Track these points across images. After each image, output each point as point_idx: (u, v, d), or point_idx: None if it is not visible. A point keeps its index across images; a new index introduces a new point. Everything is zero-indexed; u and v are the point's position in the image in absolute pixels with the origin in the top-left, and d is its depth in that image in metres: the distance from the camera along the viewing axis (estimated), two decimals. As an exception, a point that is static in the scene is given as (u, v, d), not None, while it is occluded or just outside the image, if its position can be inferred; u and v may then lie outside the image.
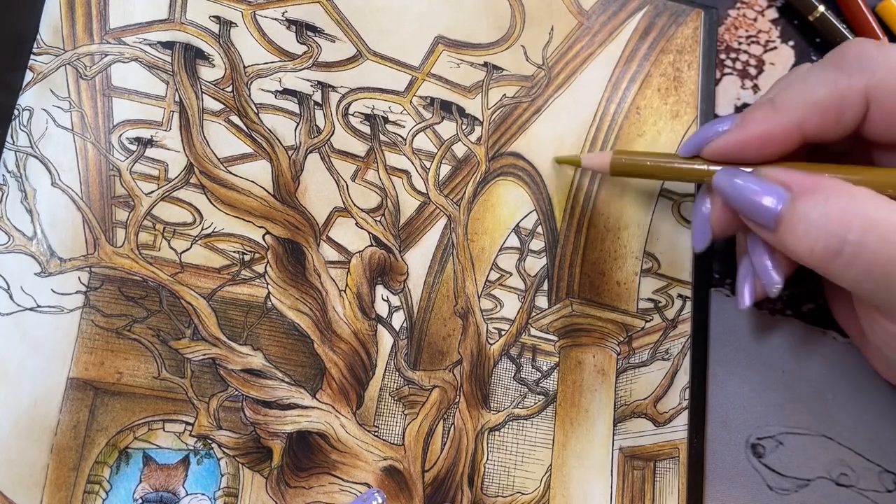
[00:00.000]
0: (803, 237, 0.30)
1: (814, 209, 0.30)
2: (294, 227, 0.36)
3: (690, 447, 0.38)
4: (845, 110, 0.31)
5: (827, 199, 0.29)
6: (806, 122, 0.31)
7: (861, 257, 0.29)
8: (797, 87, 0.32)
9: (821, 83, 0.31)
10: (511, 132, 0.40)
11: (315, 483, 0.34)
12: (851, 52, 0.31)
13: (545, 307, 0.39)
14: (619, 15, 0.43)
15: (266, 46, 0.37)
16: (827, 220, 0.29)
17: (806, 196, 0.30)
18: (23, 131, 0.34)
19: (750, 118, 0.33)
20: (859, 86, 0.30)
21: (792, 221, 0.30)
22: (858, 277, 0.29)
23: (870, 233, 0.28)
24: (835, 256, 0.29)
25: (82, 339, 0.33)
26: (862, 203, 0.29)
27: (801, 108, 0.31)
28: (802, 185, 0.31)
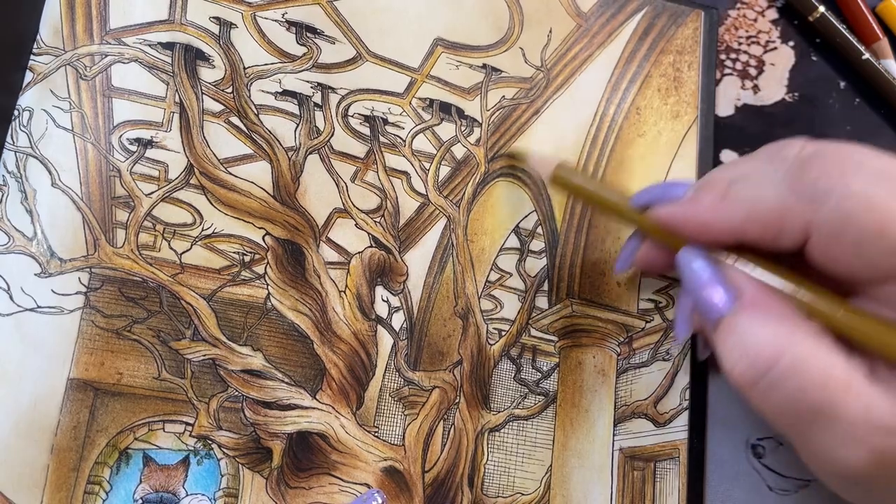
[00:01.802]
0: (730, 352, 0.29)
1: (750, 329, 0.29)
2: (294, 228, 0.36)
3: (690, 448, 0.38)
4: (783, 233, 0.29)
5: (766, 323, 0.29)
6: (745, 229, 0.30)
7: (776, 394, 0.28)
8: (750, 187, 0.30)
9: (771, 194, 0.30)
10: (510, 133, 0.40)
11: (315, 483, 0.34)
12: (813, 171, 0.29)
13: (545, 308, 0.39)
14: (618, 17, 0.43)
15: (266, 48, 0.37)
16: (757, 348, 0.28)
17: (749, 311, 0.29)
18: (23, 132, 0.34)
19: (699, 199, 0.32)
20: (801, 216, 0.29)
21: (727, 331, 0.30)
22: (769, 409, 0.29)
23: (790, 377, 0.28)
24: (751, 384, 0.29)
25: (82, 340, 0.33)
26: (798, 341, 0.28)
27: (744, 213, 0.30)
28: (751, 296, 0.30)
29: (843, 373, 0.27)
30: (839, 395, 0.27)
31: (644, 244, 0.36)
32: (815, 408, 0.27)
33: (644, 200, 0.34)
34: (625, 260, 0.37)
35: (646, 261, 0.36)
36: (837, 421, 0.27)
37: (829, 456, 0.28)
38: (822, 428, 0.28)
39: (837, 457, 0.28)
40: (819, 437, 0.28)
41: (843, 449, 0.27)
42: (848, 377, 0.27)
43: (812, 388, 0.27)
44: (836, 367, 0.27)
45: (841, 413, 0.27)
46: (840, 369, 0.27)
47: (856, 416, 0.27)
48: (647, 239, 0.36)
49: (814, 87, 0.46)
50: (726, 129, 0.44)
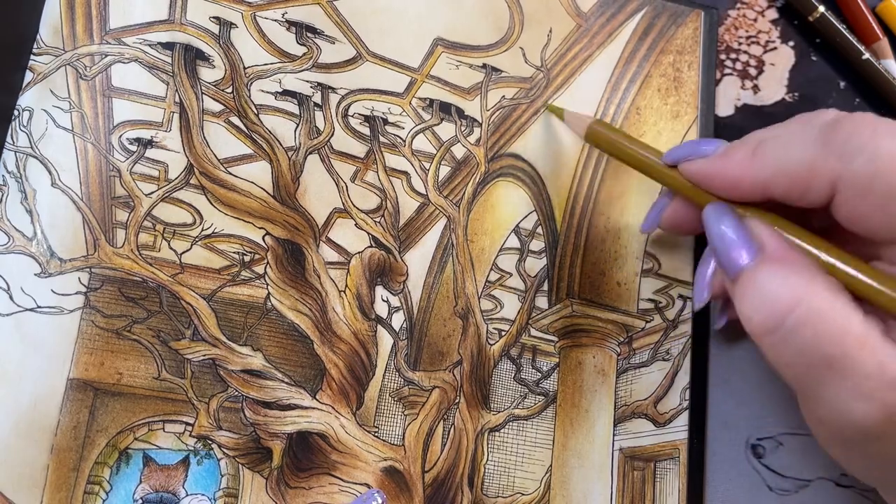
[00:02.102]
0: (749, 302, 0.30)
1: (770, 280, 0.29)
2: (294, 228, 0.36)
3: (691, 448, 0.38)
4: (811, 189, 0.30)
5: (786, 275, 0.29)
6: (773, 184, 0.31)
7: (790, 343, 0.28)
8: (781, 144, 0.31)
9: (800, 151, 0.30)
10: (510, 133, 0.40)
11: (315, 483, 0.34)
12: (844, 129, 0.29)
13: (545, 308, 0.39)
14: (618, 17, 0.43)
15: (266, 48, 0.37)
16: (775, 297, 0.29)
17: (769, 264, 0.30)
18: (23, 132, 0.34)
19: (730, 156, 0.32)
20: (830, 171, 0.29)
21: (747, 283, 0.30)
22: (782, 360, 0.29)
23: (806, 326, 0.28)
24: (767, 333, 0.29)
25: (82, 340, 0.33)
26: (816, 295, 0.28)
27: (773, 168, 0.31)
28: (773, 251, 0.30)
29: (859, 327, 0.28)
30: (854, 349, 0.27)
31: (671, 203, 0.36)
32: (829, 359, 0.28)
33: (675, 157, 0.34)
34: (652, 219, 0.38)
35: (672, 220, 0.36)
36: (851, 374, 0.27)
37: (838, 409, 0.28)
38: (834, 380, 0.28)
39: (847, 410, 0.28)
40: (830, 390, 0.28)
41: (854, 402, 0.28)
42: (864, 332, 0.28)
43: (827, 339, 0.28)
44: (853, 322, 0.28)
45: (855, 366, 0.27)
46: (856, 324, 0.28)
47: (870, 370, 0.27)
48: (674, 199, 0.36)
49: (814, 87, 0.46)
50: (726, 129, 0.44)
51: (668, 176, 0.35)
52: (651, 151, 0.36)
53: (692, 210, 0.35)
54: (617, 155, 0.37)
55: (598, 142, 0.38)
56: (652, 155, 0.35)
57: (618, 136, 0.37)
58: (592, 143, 0.38)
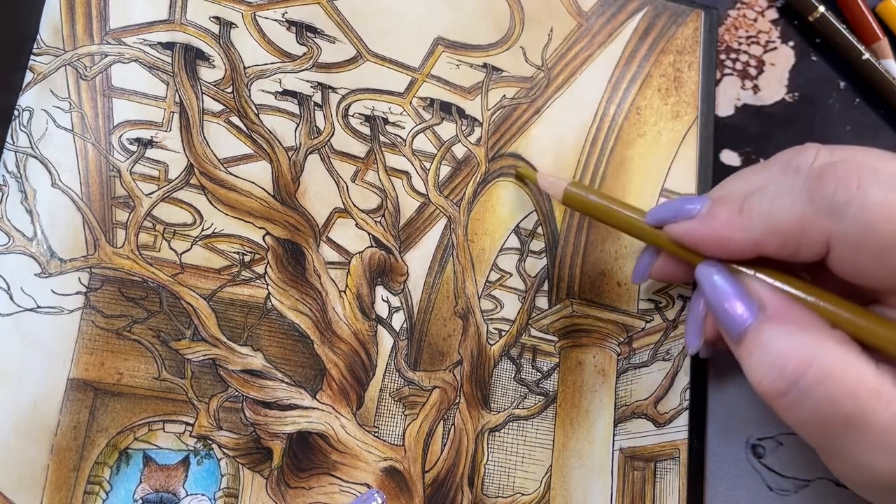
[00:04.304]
0: (757, 364, 0.29)
1: (776, 341, 0.29)
2: (294, 228, 0.36)
3: (691, 448, 0.38)
4: (803, 246, 0.29)
5: (792, 334, 0.29)
6: (765, 242, 0.30)
7: (805, 405, 0.28)
8: (767, 201, 0.30)
9: (789, 208, 0.29)
10: (511, 133, 0.40)
11: (315, 483, 0.34)
12: (830, 183, 0.28)
13: (545, 308, 0.39)
14: (619, 16, 0.43)
15: (266, 47, 0.37)
16: (784, 359, 0.28)
17: (772, 323, 0.29)
18: (23, 132, 0.34)
19: (715, 216, 0.31)
20: (821, 229, 0.29)
21: (752, 344, 0.30)
22: (798, 421, 0.29)
23: (820, 385, 0.27)
24: (780, 396, 0.29)
25: (82, 340, 0.33)
26: (826, 351, 0.28)
27: (763, 228, 0.30)
28: (775, 308, 0.30)
29: (872, 380, 0.27)
30: (870, 403, 0.27)
31: (660, 256, 0.36)
32: (846, 416, 0.27)
33: (659, 217, 0.34)
34: (641, 272, 0.37)
35: (662, 273, 0.36)
36: (869, 429, 0.27)
37: (860, 464, 0.28)
38: (853, 436, 0.28)
39: (869, 465, 0.28)
40: (850, 446, 0.28)
41: (874, 456, 0.27)
42: (877, 385, 0.27)
43: (842, 397, 0.27)
44: (866, 375, 0.27)
45: (872, 421, 0.27)
46: (869, 377, 0.27)
47: (887, 423, 0.27)
48: (661, 256, 0.36)
49: (814, 87, 0.46)
50: (726, 129, 0.44)
51: (654, 235, 0.34)
52: (634, 211, 0.35)
53: (682, 264, 0.35)
54: (597, 217, 0.36)
55: (575, 205, 0.36)
56: (635, 215, 0.35)
57: (597, 198, 0.36)
58: (570, 206, 0.37)
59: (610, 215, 0.35)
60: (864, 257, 0.28)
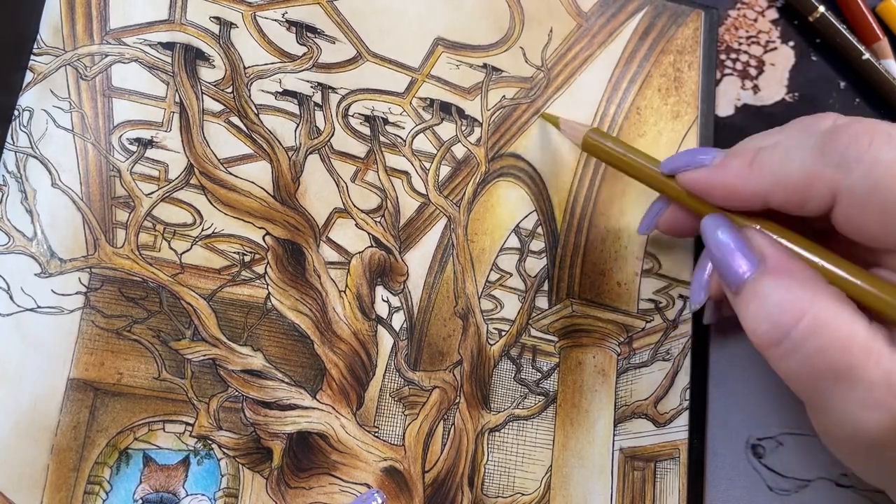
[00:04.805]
0: (753, 314, 0.30)
1: (773, 292, 0.29)
2: (294, 228, 0.36)
3: (691, 448, 0.38)
4: (810, 199, 0.30)
5: (789, 287, 0.29)
6: (772, 194, 0.31)
7: (796, 355, 0.28)
8: (779, 154, 0.31)
9: (798, 161, 0.30)
10: (511, 133, 0.40)
11: (315, 483, 0.34)
12: (842, 139, 0.29)
13: (545, 308, 0.39)
14: (619, 16, 0.43)
15: (266, 47, 0.37)
16: (779, 309, 0.29)
17: (772, 275, 0.30)
18: (23, 132, 0.34)
19: (727, 166, 0.32)
20: (829, 182, 0.29)
21: (750, 295, 0.30)
22: (789, 371, 0.29)
23: (812, 337, 0.28)
24: (773, 345, 0.29)
25: (82, 340, 0.33)
26: (820, 305, 0.28)
27: (771, 179, 0.31)
28: (775, 262, 0.30)
29: (864, 337, 0.28)
30: (860, 358, 0.27)
31: (669, 207, 0.36)
32: (836, 369, 0.28)
33: (672, 166, 0.34)
34: (649, 222, 0.37)
35: (670, 224, 0.36)
36: (858, 383, 0.27)
37: (846, 419, 0.28)
38: (841, 390, 0.28)
39: (855, 420, 0.28)
40: (838, 400, 0.28)
41: (861, 412, 0.28)
42: (869, 342, 0.28)
43: (833, 350, 0.28)
44: (858, 331, 0.28)
45: (862, 375, 0.27)
46: (862, 333, 0.28)
47: (876, 379, 0.27)
48: (672, 203, 0.36)
49: (814, 87, 0.46)
50: (726, 129, 0.44)
51: (666, 185, 0.35)
52: (648, 160, 0.36)
53: (690, 215, 0.35)
54: (613, 163, 0.37)
55: (594, 150, 0.37)
56: (649, 163, 0.35)
57: (614, 145, 0.37)
58: (588, 151, 0.38)
59: (625, 162, 0.36)
60: (869, 214, 0.29)
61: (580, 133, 0.38)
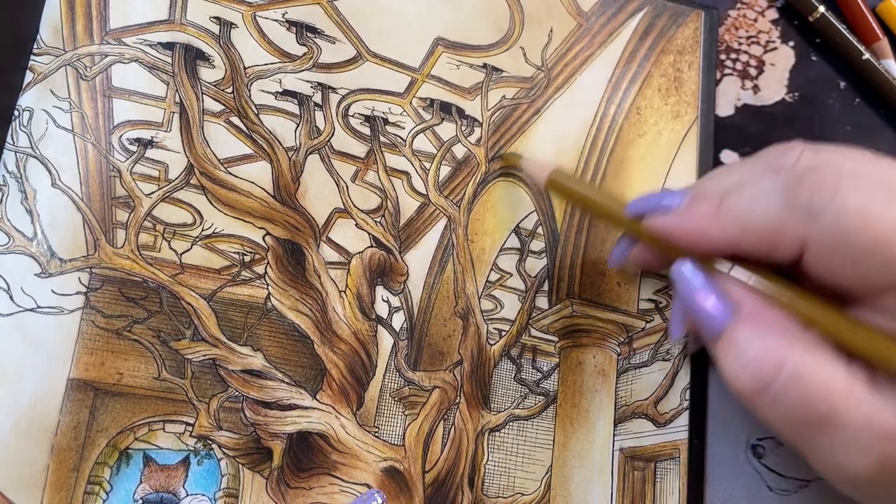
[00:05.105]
0: (732, 365, 0.30)
1: (750, 343, 0.29)
2: (294, 228, 0.36)
3: (691, 448, 0.38)
4: (779, 247, 0.30)
5: (765, 336, 0.29)
6: (740, 241, 0.30)
7: (779, 405, 0.28)
8: (745, 200, 0.30)
9: (765, 210, 0.29)
10: (511, 133, 0.40)
11: (315, 484, 0.34)
12: (808, 187, 0.28)
13: (545, 308, 0.39)
14: (619, 16, 0.43)
15: (266, 48, 0.37)
16: (758, 360, 0.29)
17: (746, 324, 0.30)
18: (23, 132, 0.34)
19: (693, 212, 0.32)
20: (797, 231, 0.29)
21: (727, 344, 0.30)
22: (774, 420, 0.29)
23: (793, 387, 0.28)
24: (755, 395, 0.29)
25: (82, 340, 0.33)
26: (798, 354, 0.28)
27: (739, 227, 0.30)
28: (749, 309, 0.30)
29: (844, 381, 0.28)
30: (842, 404, 0.27)
31: (637, 246, 0.36)
32: (819, 417, 0.28)
33: (639, 208, 0.34)
34: (618, 257, 0.37)
35: (639, 260, 0.36)
36: (841, 429, 0.27)
37: (834, 463, 0.28)
38: (826, 436, 0.28)
39: (843, 463, 0.28)
40: (824, 445, 0.28)
41: (847, 456, 0.28)
42: (849, 386, 0.28)
43: (815, 398, 0.28)
44: (838, 376, 0.28)
45: (844, 421, 0.27)
46: (841, 378, 0.28)
47: (859, 423, 0.27)
48: (637, 246, 0.36)
49: (814, 87, 0.46)
50: (726, 129, 0.44)
51: (633, 226, 0.34)
52: (614, 201, 0.35)
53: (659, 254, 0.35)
54: (579, 204, 0.36)
55: (558, 191, 0.37)
56: (615, 205, 0.35)
57: (579, 186, 0.36)
58: (553, 192, 0.37)
59: (591, 204, 0.36)
60: (839, 262, 0.28)
61: (544, 173, 0.37)
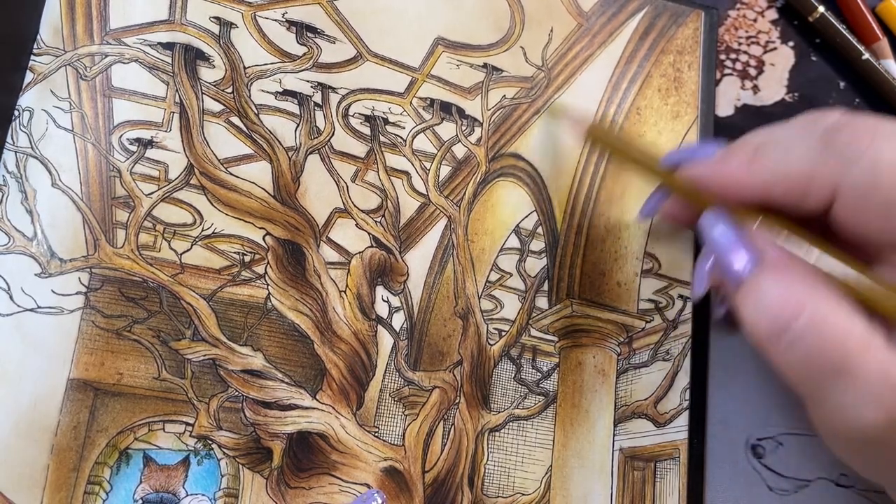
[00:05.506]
0: (753, 310, 0.30)
1: (772, 288, 0.29)
2: (294, 228, 0.36)
3: (691, 448, 0.38)
4: (810, 194, 0.30)
5: (789, 283, 0.29)
6: (771, 189, 0.31)
7: (795, 350, 0.28)
8: (780, 149, 0.31)
9: (798, 157, 0.30)
10: (511, 133, 0.40)
11: (315, 484, 0.34)
12: (843, 135, 0.29)
13: (545, 308, 0.39)
14: (619, 16, 0.43)
15: (266, 47, 0.37)
16: (779, 304, 0.29)
17: (771, 271, 0.30)
18: (23, 132, 0.34)
19: (728, 160, 0.32)
20: (829, 178, 0.29)
21: (749, 290, 0.30)
22: (788, 366, 0.29)
23: (811, 332, 0.28)
24: (773, 339, 0.29)
25: (82, 340, 0.33)
26: (819, 301, 0.28)
27: (771, 174, 0.31)
28: (774, 258, 0.30)
29: (862, 333, 0.28)
30: (858, 355, 0.27)
31: (670, 197, 0.36)
32: (834, 365, 0.28)
33: (674, 160, 0.34)
34: (650, 209, 0.38)
35: (670, 213, 0.37)
36: (855, 379, 0.27)
37: (843, 414, 0.28)
38: (839, 386, 0.28)
39: (852, 415, 0.28)
40: (835, 395, 0.28)
41: (858, 407, 0.28)
42: (867, 338, 0.28)
43: (831, 346, 0.28)
44: (856, 328, 0.28)
45: (859, 372, 0.27)
46: (859, 330, 0.28)
47: (874, 375, 0.27)
48: (671, 199, 0.36)
49: (814, 88, 0.46)
50: (726, 130, 0.44)
51: (668, 178, 0.35)
52: (650, 153, 0.36)
53: (690, 206, 0.35)
54: (616, 154, 0.37)
55: (597, 141, 0.38)
56: (651, 156, 0.35)
57: (618, 137, 0.37)
58: (593, 141, 0.38)
59: (628, 154, 0.37)
60: (869, 210, 0.29)
61: (585, 123, 0.38)
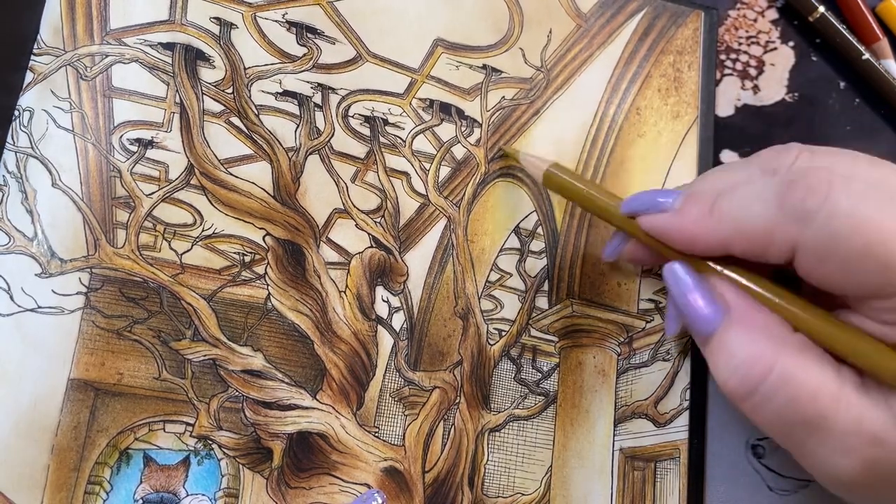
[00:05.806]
0: (723, 367, 0.30)
1: (739, 346, 0.29)
2: (294, 229, 0.36)
3: (691, 448, 0.38)
4: (770, 250, 0.29)
5: (755, 339, 0.29)
6: (733, 243, 0.30)
7: (767, 408, 0.29)
8: (738, 203, 0.30)
9: (759, 210, 0.29)
10: (510, 134, 0.40)
11: (315, 484, 0.34)
12: (800, 191, 0.28)
13: (545, 308, 0.39)
14: (618, 17, 0.43)
15: (266, 48, 0.37)
16: (748, 363, 0.29)
17: (736, 327, 0.30)
18: (23, 132, 0.34)
19: (686, 212, 0.32)
20: (788, 234, 0.29)
21: (717, 346, 0.30)
22: (763, 422, 0.30)
23: (781, 390, 0.28)
24: (745, 398, 0.29)
25: (83, 340, 0.33)
26: (787, 356, 0.28)
27: (732, 228, 0.30)
28: (740, 312, 0.30)
29: (832, 384, 0.28)
30: (830, 407, 0.28)
31: (629, 245, 0.36)
32: (807, 419, 0.28)
33: (633, 206, 0.34)
34: (611, 251, 0.37)
35: (632, 257, 0.36)
36: (829, 432, 0.28)
37: (823, 465, 0.29)
38: (815, 438, 0.28)
39: (831, 465, 0.28)
40: (813, 448, 0.29)
41: (835, 458, 0.28)
42: (838, 389, 0.28)
43: (803, 401, 0.28)
44: (826, 380, 0.28)
45: (832, 424, 0.28)
46: (830, 381, 0.28)
47: (847, 426, 0.27)
48: (630, 242, 0.36)
49: (814, 88, 0.46)
50: (726, 130, 0.44)
51: (628, 224, 0.34)
52: (609, 198, 0.35)
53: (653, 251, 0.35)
54: (574, 199, 0.36)
55: (555, 187, 0.37)
56: (610, 202, 0.35)
57: (576, 182, 0.36)
58: (549, 187, 0.37)
59: (586, 201, 0.36)
60: (829, 266, 0.28)
61: (541, 168, 0.37)
